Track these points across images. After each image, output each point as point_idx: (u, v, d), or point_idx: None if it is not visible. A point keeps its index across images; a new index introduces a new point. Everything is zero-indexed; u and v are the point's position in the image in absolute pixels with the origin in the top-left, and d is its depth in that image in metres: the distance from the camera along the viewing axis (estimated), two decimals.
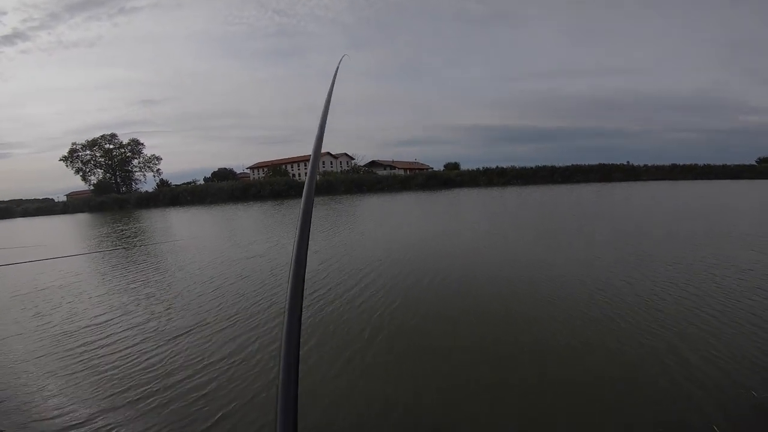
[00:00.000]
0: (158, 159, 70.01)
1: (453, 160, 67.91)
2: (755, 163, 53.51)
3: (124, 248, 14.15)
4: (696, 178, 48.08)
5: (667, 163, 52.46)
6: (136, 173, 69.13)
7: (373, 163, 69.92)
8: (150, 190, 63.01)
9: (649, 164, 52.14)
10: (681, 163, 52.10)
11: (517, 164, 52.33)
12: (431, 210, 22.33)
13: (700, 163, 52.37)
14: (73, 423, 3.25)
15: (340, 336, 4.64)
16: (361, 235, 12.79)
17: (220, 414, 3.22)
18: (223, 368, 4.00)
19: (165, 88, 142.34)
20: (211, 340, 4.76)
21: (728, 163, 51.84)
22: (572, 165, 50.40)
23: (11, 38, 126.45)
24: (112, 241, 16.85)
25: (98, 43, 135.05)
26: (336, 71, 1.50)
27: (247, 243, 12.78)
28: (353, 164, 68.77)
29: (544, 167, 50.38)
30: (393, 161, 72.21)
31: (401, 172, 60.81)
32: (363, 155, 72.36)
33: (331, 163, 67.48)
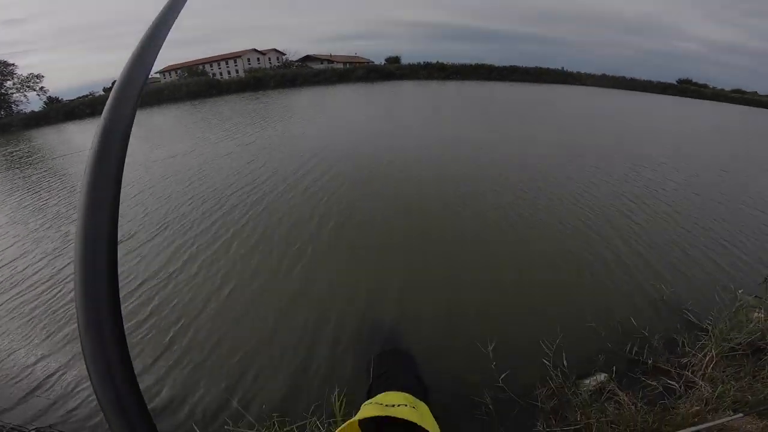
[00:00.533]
0: (39, 77, 59.10)
1: (394, 55, 63.38)
2: (675, 83, 58.60)
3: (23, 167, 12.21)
4: (624, 89, 50.99)
5: (600, 72, 55.29)
6: (14, 95, 58.11)
7: (308, 58, 62.58)
8: (36, 110, 52.92)
9: (582, 72, 54.43)
10: (610, 74, 54.88)
11: (458, 61, 51.48)
12: (374, 100, 21.49)
13: (628, 76, 55.30)
14: None
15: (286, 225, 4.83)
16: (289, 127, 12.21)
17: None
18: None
19: (28, 4, 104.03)
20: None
21: (652, 80, 55.77)
22: (509, 65, 51.83)
23: None
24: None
25: None
26: None
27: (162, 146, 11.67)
28: (285, 60, 60.95)
29: (483, 65, 51.09)
30: (331, 55, 65.09)
31: (340, 66, 55.62)
32: (296, 51, 63.84)
33: (258, 60, 59.13)
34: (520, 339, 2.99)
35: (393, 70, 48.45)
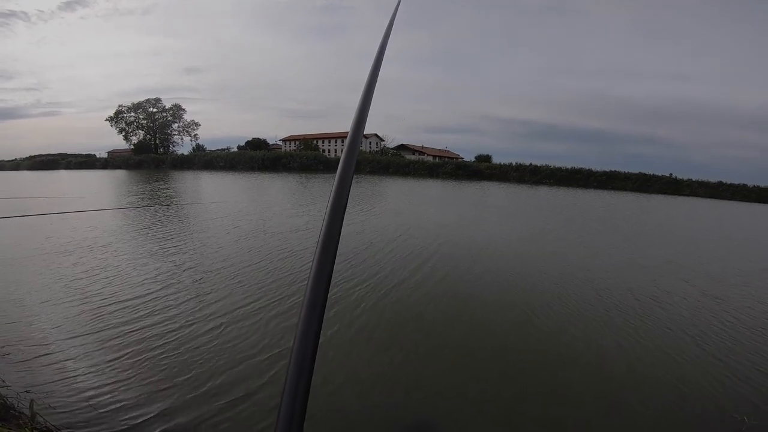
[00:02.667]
0: (197, 124, 73.56)
1: (486, 152, 65.97)
2: None
3: (162, 205, 15.02)
4: (743, 200, 44.23)
5: (714, 179, 47.76)
6: (175, 136, 73.36)
7: (403, 147, 69.13)
8: (186, 153, 66.36)
9: (694, 179, 47.90)
10: (728, 182, 47.19)
11: (552, 163, 49.74)
12: (455, 201, 22.01)
13: (751, 183, 46.99)
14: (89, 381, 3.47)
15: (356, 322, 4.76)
16: (379, 217, 12.89)
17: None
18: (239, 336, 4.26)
19: (210, 57, 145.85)
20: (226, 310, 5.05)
21: None
22: (610, 171, 47.52)
23: (72, 5, 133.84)
24: (151, 198, 17.92)
25: (153, 11, 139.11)
26: (393, 18, 1.12)
27: (278, 214, 13.21)
28: (383, 146, 68.37)
29: (580, 170, 47.76)
30: (423, 147, 71.05)
31: (430, 158, 59.87)
32: (393, 138, 71.58)
33: (361, 143, 67.39)
34: None
35: (482, 169, 49.76)
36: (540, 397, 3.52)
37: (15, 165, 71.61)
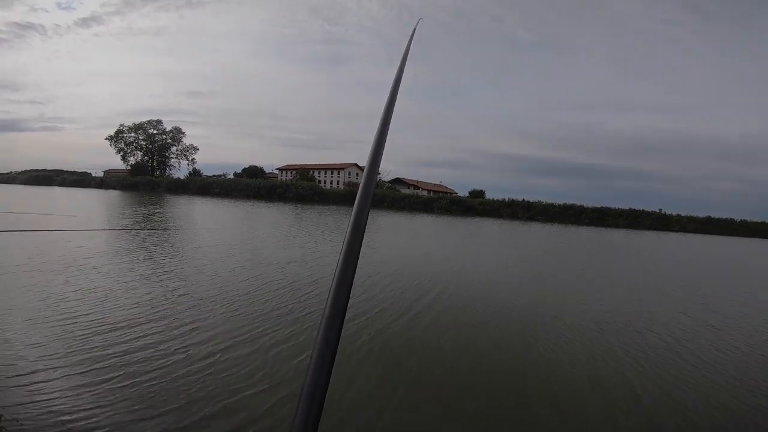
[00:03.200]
0: (195, 149, 73.65)
1: (479, 187, 67.81)
2: None
3: (157, 229, 14.82)
4: (731, 234, 45.39)
5: (703, 214, 49.63)
6: (172, 159, 72.91)
7: (398, 181, 70.44)
8: (182, 177, 66.22)
9: (683, 214, 49.56)
10: (716, 216, 49.28)
11: (545, 198, 51.00)
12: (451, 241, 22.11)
13: (738, 217, 49.19)
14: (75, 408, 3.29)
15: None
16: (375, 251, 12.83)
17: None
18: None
19: (213, 82, 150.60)
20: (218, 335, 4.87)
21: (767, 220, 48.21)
22: (601, 207, 48.97)
23: (88, 21, 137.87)
24: (146, 221, 17.70)
25: (163, 33, 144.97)
26: (410, 39, 1.09)
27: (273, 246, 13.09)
28: (379, 179, 69.56)
29: (572, 206, 49.08)
30: (417, 181, 72.53)
31: (425, 193, 60.87)
32: (389, 171, 73.15)
33: (357, 175, 68.59)
34: None
35: (475, 205, 50.63)
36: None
37: (10, 178, 70.82)
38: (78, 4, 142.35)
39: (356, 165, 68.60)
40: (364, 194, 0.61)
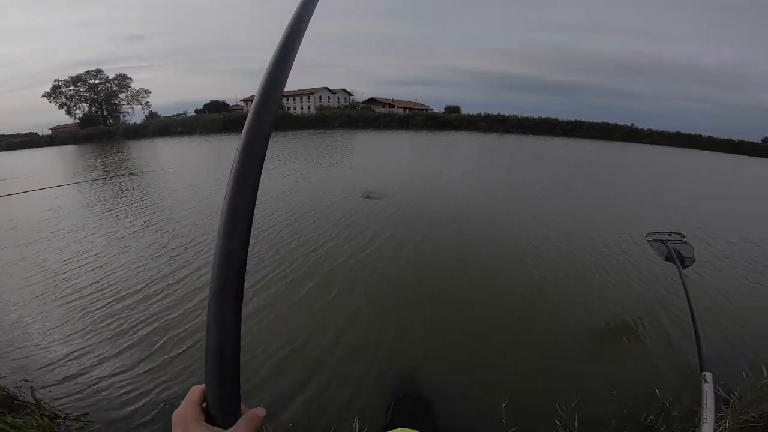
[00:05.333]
0: (147, 92, 68.80)
1: (455, 103, 65.71)
2: (760, 142, 52.91)
3: (116, 177, 14.33)
4: (697, 148, 47.60)
5: (673, 130, 51.52)
6: (124, 106, 68.14)
7: (372, 101, 67.06)
8: (139, 122, 61.68)
9: (654, 129, 51.28)
10: (685, 132, 51.35)
11: (521, 113, 51.19)
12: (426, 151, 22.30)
13: (705, 134, 51.47)
14: (60, 358, 3.56)
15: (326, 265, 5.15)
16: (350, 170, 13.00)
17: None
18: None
19: (154, 23, 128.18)
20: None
21: (733, 138, 51.03)
22: (574, 120, 49.95)
23: None
24: (102, 170, 16.92)
25: None
26: None
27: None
28: (351, 100, 65.97)
29: (547, 119, 49.67)
30: (393, 100, 69.21)
31: (400, 111, 58.72)
32: (362, 92, 69.08)
33: (329, 98, 64.63)
34: (535, 396, 3.05)
35: (451, 120, 49.86)
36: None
37: None
38: None
39: (326, 88, 64.11)
40: (257, 116, 0.53)
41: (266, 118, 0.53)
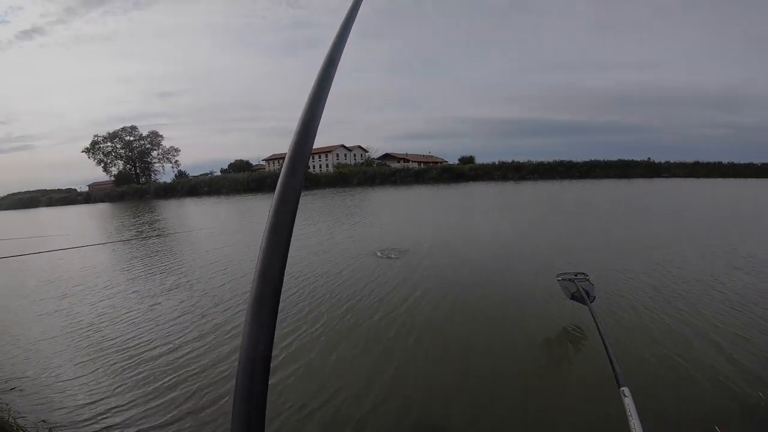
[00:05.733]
0: (176, 150, 72.14)
1: (469, 153, 67.64)
2: None
3: (148, 237, 14.88)
4: (721, 176, 46.56)
5: (691, 159, 50.87)
6: (155, 164, 71.51)
7: (387, 156, 69.93)
8: (168, 180, 65.37)
9: (672, 161, 50.68)
10: (704, 161, 50.58)
11: (534, 158, 51.56)
12: (444, 204, 22.40)
13: (725, 160, 50.77)
14: (87, 405, 3.56)
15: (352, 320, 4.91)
16: (371, 228, 13.06)
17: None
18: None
19: (182, 80, 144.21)
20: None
21: (755, 162, 49.92)
22: (591, 160, 49.51)
23: (30, 33, 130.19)
24: (136, 231, 17.69)
25: (114, 38, 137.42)
26: (348, 17, 0.82)
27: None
28: (367, 157, 69.00)
29: (562, 162, 49.69)
30: (407, 154, 72.03)
31: (415, 165, 60.70)
32: (377, 148, 72.43)
33: (345, 156, 67.80)
34: None
35: (466, 171, 50.87)
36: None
37: None
38: (12, 17, 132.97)
39: (343, 146, 67.68)
40: (291, 168, 0.55)
41: (298, 175, 0.55)
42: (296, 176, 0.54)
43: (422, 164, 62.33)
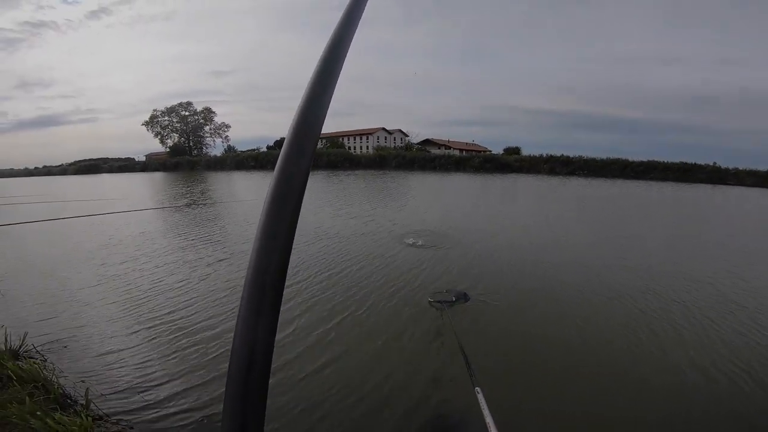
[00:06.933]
0: (227, 127, 75.91)
1: (515, 144, 64.22)
2: None
3: (205, 204, 15.99)
4: None
5: (765, 168, 43.63)
6: (207, 139, 75.80)
7: (428, 142, 68.58)
8: (218, 154, 69.22)
9: (741, 167, 44.18)
10: None
11: (588, 154, 47.46)
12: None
13: None
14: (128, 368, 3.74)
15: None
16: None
17: None
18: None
19: (233, 60, 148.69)
20: None
21: None
22: (647, 160, 45.02)
23: (97, 13, 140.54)
24: (193, 198, 19.06)
25: (173, 17, 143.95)
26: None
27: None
28: (407, 141, 68.22)
29: (616, 160, 45.53)
30: (449, 141, 70.12)
31: (456, 152, 59.06)
32: (417, 133, 71.10)
33: (386, 139, 67.59)
34: None
35: (511, 162, 48.48)
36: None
37: (62, 170, 77.66)
38: None
39: (384, 129, 67.43)
40: (289, 155, 0.48)
41: (306, 156, 0.49)
42: (303, 157, 0.48)
43: (464, 152, 60.50)
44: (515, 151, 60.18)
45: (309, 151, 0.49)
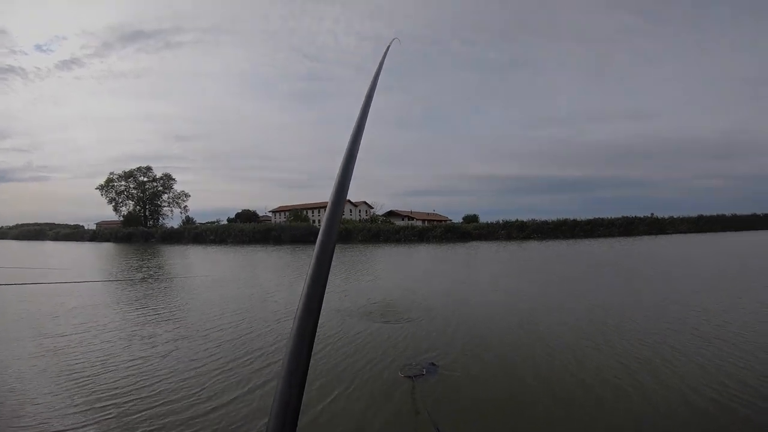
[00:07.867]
0: (187, 195, 72.82)
1: (471, 212, 68.72)
2: None
3: (149, 280, 14.64)
4: (724, 230, 46.52)
5: (694, 213, 51.46)
6: (165, 208, 71.84)
7: (392, 213, 71.13)
8: (175, 226, 65.78)
9: (675, 216, 51.09)
10: (707, 214, 51.10)
11: (537, 216, 52.12)
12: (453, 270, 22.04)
13: (728, 212, 51.54)
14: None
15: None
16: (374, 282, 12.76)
17: None
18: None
19: (198, 124, 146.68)
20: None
21: (758, 213, 50.83)
22: (594, 218, 49.85)
23: (69, 63, 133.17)
24: (136, 272, 17.49)
25: (145, 75, 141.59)
26: (384, 57, 1.14)
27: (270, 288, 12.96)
28: (372, 213, 70.20)
29: (566, 221, 50.06)
30: (411, 212, 73.29)
31: (419, 223, 61.33)
32: (382, 204, 74.00)
33: (350, 211, 69.13)
34: None
35: (470, 230, 51.00)
36: None
37: (2, 233, 69.76)
38: (56, 46, 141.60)
39: (349, 201, 69.14)
40: (328, 229, 0.65)
41: (334, 227, 0.66)
42: (332, 233, 0.65)
43: (426, 222, 63.05)
44: (473, 218, 64.04)
45: (335, 228, 0.66)
